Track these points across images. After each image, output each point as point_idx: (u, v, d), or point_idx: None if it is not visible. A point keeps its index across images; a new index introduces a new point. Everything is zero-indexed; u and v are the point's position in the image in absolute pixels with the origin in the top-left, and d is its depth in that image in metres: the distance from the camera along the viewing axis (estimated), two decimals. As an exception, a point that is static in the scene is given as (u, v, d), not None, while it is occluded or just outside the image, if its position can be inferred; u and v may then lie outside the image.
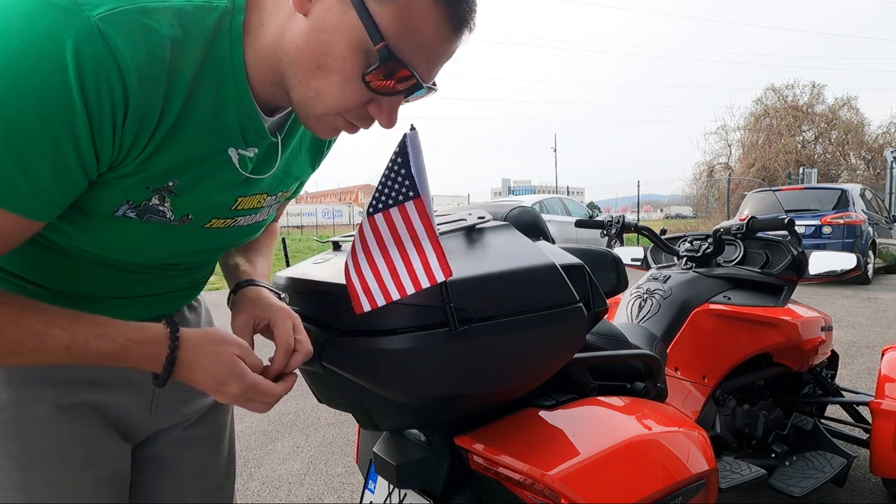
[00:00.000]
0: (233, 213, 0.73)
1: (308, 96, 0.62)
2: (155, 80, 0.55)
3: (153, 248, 0.69)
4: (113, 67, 0.51)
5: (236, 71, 0.62)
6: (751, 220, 1.82)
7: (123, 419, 0.80)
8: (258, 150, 0.69)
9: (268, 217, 0.83)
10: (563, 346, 0.83)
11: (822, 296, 6.81)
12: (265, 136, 0.69)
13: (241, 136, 0.66)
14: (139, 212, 0.63)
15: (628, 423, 0.95)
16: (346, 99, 0.61)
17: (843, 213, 8.03)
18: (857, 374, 3.64)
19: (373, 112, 0.64)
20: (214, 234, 0.74)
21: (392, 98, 0.63)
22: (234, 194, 0.70)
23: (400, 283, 0.65)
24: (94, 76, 0.50)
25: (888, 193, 13.95)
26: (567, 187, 26.09)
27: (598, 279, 0.90)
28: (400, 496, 0.96)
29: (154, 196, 0.63)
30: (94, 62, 0.50)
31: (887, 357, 1.95)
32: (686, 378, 1.60)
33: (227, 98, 0.63)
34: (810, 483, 1.67)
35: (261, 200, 0.76)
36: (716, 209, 22.04)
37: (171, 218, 0.66)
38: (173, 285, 0.81)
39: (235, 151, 0.67)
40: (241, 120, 0.65)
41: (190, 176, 0.64)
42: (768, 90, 24.31)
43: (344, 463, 2.60)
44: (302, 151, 0.81)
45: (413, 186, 0.62)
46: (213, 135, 0.63)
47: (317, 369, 0.79)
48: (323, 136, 0.68)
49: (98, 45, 0.50)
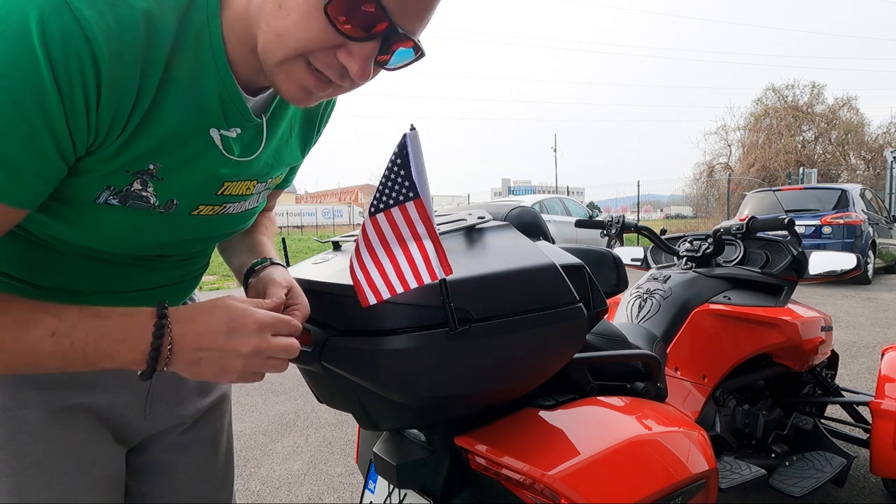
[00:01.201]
0: (220, 199, 0.70)
1: (269, 41, 0.57)
2: (127, 53, 0.53)
3: (140, 236, 0.67)
4: (81, 40, 0.49)
5: (214, 44, 0.60)
6: (751, 221, 1.82)
7: (118, 422, 0.79)
8: (241, 130, 0.67)
9: (258, 205, 0.80)
10: (563, 346, 0.83)
11: (822, 296, 6.81)
12: (248, 115, 0.66)
13: (222, 116, 0.64)
14: (121, 198, 0.61)
15: (628, 423, 0.95)
16: (308, 35, 0.56)
17: (843, 213, 8.03)
18: (857, 374, 3.64)
19: (342, 58, 0.58)
20: (203, 221, 0.71)
21: (363, 45, 0.57)
22: (219, 179, 0.68)
23: (403, 277, 0.65)
24: (61, 50, 0.48)
25: (888, 193, 13.95)
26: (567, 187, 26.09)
27: (598, 279, 0.90)
28: (400, 496, 0.96)
29: (136, 181, 0.61)
30: (61, 35, 0.48)
31: (887, 357, 1.95)
32: (686, 378, 1.60)
33: (206, 74, 0.60)
34: (810, 483, 1.67)
35: (250, 187, 0.74)
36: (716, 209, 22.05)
37: (155, 204, 0.64)
38: (164, 279, 0.78)
39: (217, 132, 0.64)
40: (222, 98, 0.63)
41: (172, 158, 0.62)
42: (768, 90, 24.35)
43: (344, 463, 2.60)
44: (292, 137, 0.79)
45: (413, 187, 0.62)
46: (194, 114, 0.61)
47: (317, 369, 0.79)
48: (293, 98, 0.62)
49: (65, 16, 0.48)
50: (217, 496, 0.94)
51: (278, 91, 0.62)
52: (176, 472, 0.88)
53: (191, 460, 0.90)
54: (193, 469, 0.90)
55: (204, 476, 0.92)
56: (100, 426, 0.76)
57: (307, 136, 0.84)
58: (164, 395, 0.84)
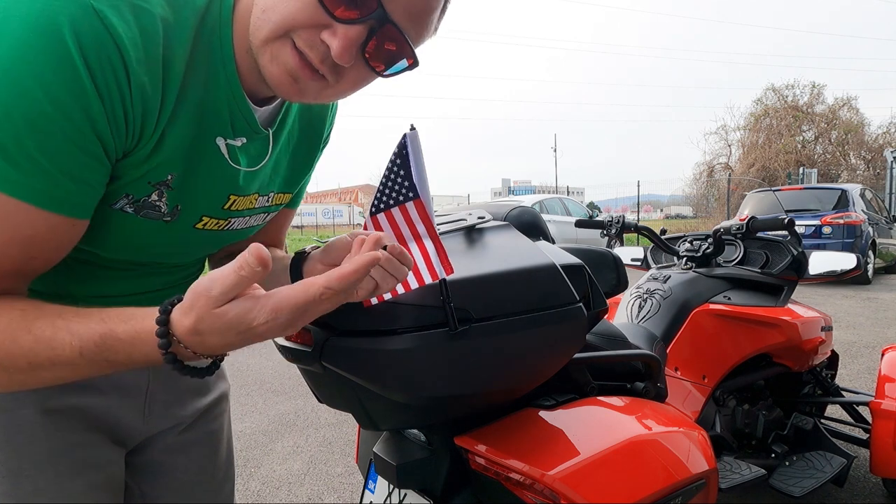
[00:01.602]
0: (226, 214, 0.71)
1: (256, 19, 0.57)
2: (151, 61, 0.54)
3: (144, 244, 0.67)
4: (112, 47, 0.50)
5: (225, 52, 0.60)
6: (751, 221, 1.82)
7: (116, 424, 0.78)
8: (247, 140, 0.67)
9: (262, 223, 0.81)
10: (563, 346, 0.83)
11: (822, 296, 6.81)
12: (254, 124, 0.67)
13: (229, 124, 0.64)
14: (137, 207, 0.62)
15: (628, 423, 0.95)
16: (292, 7, 0.55)
17: (843, 213, 8.03)
18: (857, 374, 3.64)
19: (326, 37, 0.56)
20: (207, 235, 0.72)
21: (349, 27, 0.56)
22: (225, 191, 0.68)
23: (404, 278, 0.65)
24: (96, 56, 0.49)
25: (888, 193, 13.96)
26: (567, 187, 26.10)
27: (598, 279, 0.90)
28: (400, 496, 0.96)
29: (154, 192, 0.62)
30: (95, 42, 0.49)
31: (887, 357, 1.95)
32: (686, 378, 1.60)
33: (217, 82, 0.61)
34: (810, 483, 1.67)
35: (253, 201, 0.74)
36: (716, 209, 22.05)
37: (164, 212, 0.64)
38: (156, 283, 0.78)
39: (224, 141, 0.65)
40: (230, 106, 0.63)
41: (184, 167, 0.62)
42: (768, 90, 24.35)
43: (344, 463, 2.60)
44: (291, 152, 0.79)
45: (413, 187, 0.62)
46: (204, 122, 0.62)
47: (317, 369, 0.79)
48: (280, 85, 0.60)
49: (96, 23, 0.49)
50: (217, 496, 0.94)
51: (266, 78, 0.61)
52: (176, 472, 0.88)
53: (191, 460, 0.90)
54: (194, 469, 0.90)
55: (204, 476, 0.92)
56: (94, 428, 0.75)
57: (308, 155, 0.84)
58: (161, 395, 0.84)
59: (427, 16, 0.59)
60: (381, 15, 0.56)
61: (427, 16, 0.59)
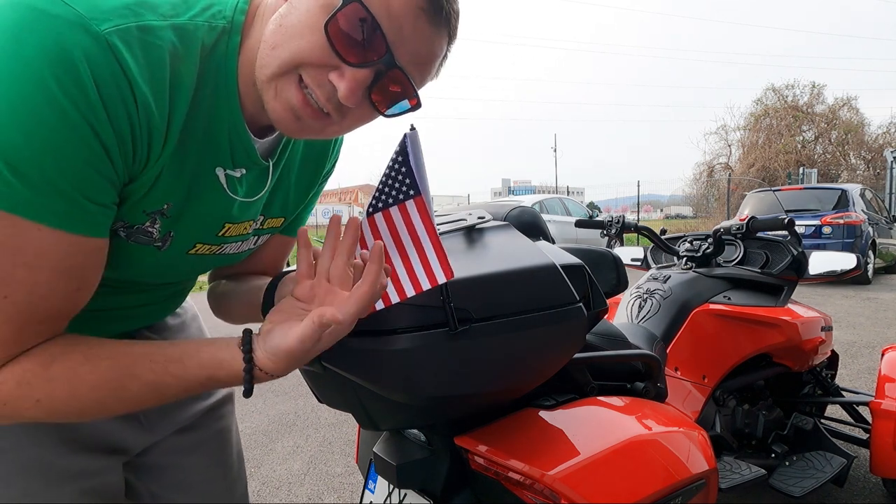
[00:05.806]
0: (220, 240, 0.71)
1: (264, 55, 0.58)
2: (159, 94, 0.55)
3: (131, 265, 0.67)
4: (124, 81, 0.51)
5: (230, 84, 0.61)
6: (751, 220, 1.82)
7: (106, 430, 0.77)
8: (246, 171, 0.68)
9: (254, 246, 0.81)
10: (563, 346, 0.83)
11: (822, 296, 6.81)
12: (254, 155, 0.67)
13: (229, 155, 0.65)
14: (129, 233, 0.62)
15: (628, 423, 0.95)
16: (302, 45, 0.56)
17: (843, 213, 8.03)
18: (857, 374, 3.64)
19: (333, 78, 0.57)
20: (198, 260, 0.72)
21: (357, 70, 0.57)
22: (221, 220, 0.69)
23: (400, 286, 0.64)
24: (108, 88, 0.50)
25: (888, 193, 13.96)
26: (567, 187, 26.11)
27: (598, 279, 0.90)
28: (400, 496, 0.96)
29: (148, 220, 0.62)
30: (109, 75, 0.50)
31: (887, 357, 1.95)
32: (686, 378, 1.60)
33: (220, 114, 0.62)
34: (810, 483, 1.67)
35: (247, 227, 0.74)
36: (716, 209, 22.04)
37: (155, 237, 0.64)
38: (141, 299, 0.78)
39: (223, 171, 0.65)
40: (231, 137, 0.64)
41: (182, 196, 0.63)
42: (768, 90, 24.34)
43: (344, 463, 2.60)
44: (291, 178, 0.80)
45: (413, 185, 0.62)
46: (205, 152, 0.62)
47: (317, 369, 0.79)
48: (281, 120, 0.61)
49: (109, 58, 0.50)
50: (231, 496, 0.94)
51: (269, 113, 0.62)
52: (185, 473, 0.88)
53: (200, 460, 0.90)
54: (204, 469, 0.90)
55: (215, 475, 0.92)
56: (83, 437, 0.75)
57: (309, 185, 0.84)
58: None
59: (432, 62, 0.62)
60: (388, 60, 0.57)
61: (432, 62, 0.62)
